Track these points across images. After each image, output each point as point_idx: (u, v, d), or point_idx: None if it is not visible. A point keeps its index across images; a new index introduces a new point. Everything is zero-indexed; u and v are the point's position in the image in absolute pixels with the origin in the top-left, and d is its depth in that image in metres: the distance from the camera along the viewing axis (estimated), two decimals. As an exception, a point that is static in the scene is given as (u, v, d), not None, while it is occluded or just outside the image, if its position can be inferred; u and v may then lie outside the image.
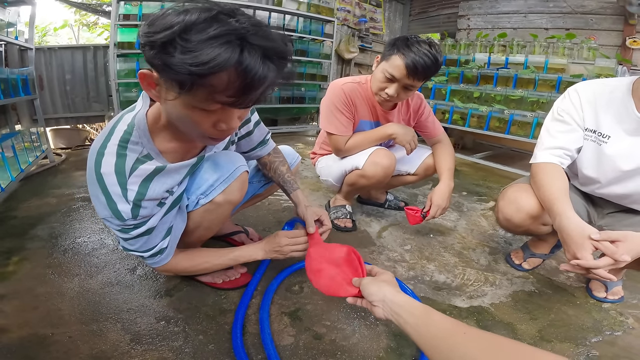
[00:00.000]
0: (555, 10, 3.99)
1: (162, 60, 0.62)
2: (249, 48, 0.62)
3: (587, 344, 1.09)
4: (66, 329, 0.99)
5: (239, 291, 1.19)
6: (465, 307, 1.22)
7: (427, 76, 1.35)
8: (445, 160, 1.64)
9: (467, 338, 0.59)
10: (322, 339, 1.03)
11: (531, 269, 1.47)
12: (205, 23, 0.60)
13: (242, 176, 1.00)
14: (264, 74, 0.64)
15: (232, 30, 0.61)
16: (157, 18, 0.63)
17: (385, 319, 0.73)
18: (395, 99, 1.45)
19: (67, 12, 5.50)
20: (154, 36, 0.61)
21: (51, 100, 3.19)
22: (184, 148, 0.91)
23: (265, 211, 1.87)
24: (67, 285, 1.18)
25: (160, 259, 0.97)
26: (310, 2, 4.08)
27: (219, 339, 1.00)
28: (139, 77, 0.71)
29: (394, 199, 2.06)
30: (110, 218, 0.83)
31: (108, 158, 0.79)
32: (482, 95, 3.36)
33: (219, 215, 1.03)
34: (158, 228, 0.91)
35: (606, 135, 1.12)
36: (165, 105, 0.75)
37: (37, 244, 1.43)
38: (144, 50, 0.65)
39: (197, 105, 0.68)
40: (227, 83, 0.63)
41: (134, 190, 0.81)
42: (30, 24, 2.44)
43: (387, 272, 0.85)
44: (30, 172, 2.24)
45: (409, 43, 1.32)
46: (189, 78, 0.61)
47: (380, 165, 1.52)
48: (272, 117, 4.27)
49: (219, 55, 0.59)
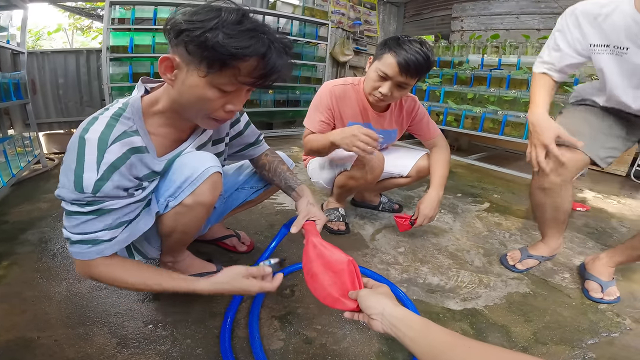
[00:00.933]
0: (547, 10, 4.02)
1: (204, 43, 0.73)
2: (272, 43, 0.78)
3: (583, 346, 1.08)
4: (52, 333, 0.98)
5: (228, 295, 1.17)
6: (459, 310, 1.21)
7: (419, 73, 1.36)
8: (438, 167, 1.64)
9: (469, 351, 0.58)
10: (312, 343, 1.01)
11: (525, 270, 1.47)
12: (240, 17, 0.76)
13: (213, 177, 0.95)
14: (280, 64, 0.80)
15: (259, 27, 0.77)
16: (197, 10, 0.77)
17: (383, 332, 0.72)
18: (389, 99, 1.44)
19: (61, 16, 5.51)
20: (200, 23, 0.73)
21: (44, 105, 3.17)
22: (173, 134, 0.94)
23: (257, 215, 1.86)
24: (55, 289, 1.17)
25: (82, 250, 0.81)
26: (305, 5, 4.09)
27: (207, 343, 0.98)
28: (160, 61, 0.79)
29: (388, 201, 2.05)
30: (67, 188, 0.77)
31: (97, 126, 0.79)
32: (476, 96, 3.37)
33: (192, 217, 0.99)
34: (111, 214, 0.82)
35: (623, 47, 1.12)
36: (179, 87, 0.81)
37: (27, 249, 1.42)
38: (182, 34, 0.75)
39: (218, 85, 0.79)
40: (253, 68, 0.78)
41: (109, 160, 0.77)
42: (22, 28, 2.44)
43: (384, 285, 0.84)
44: (22, 177, 2.22)
45: (400, 42, 1.34)
46: (226, 58, 0.74)
47: (368, 166, 1.51)
48: (267, 120, 4.27)
49: (254, 45, 0.75)
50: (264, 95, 3.85)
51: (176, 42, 0.77)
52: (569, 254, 1.64)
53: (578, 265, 1.53)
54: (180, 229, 1.01)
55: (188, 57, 0.77)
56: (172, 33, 0.77)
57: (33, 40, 5.51)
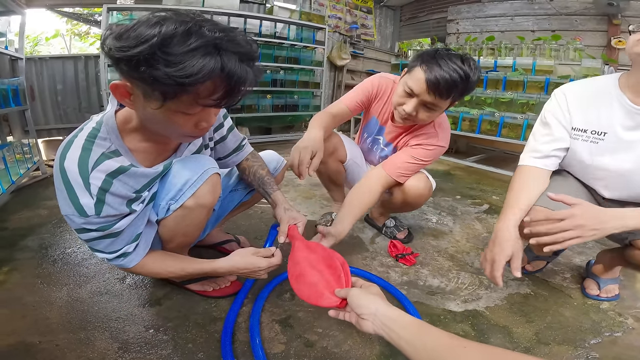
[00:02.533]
0: (541, 12, 4.06)
1: (144, 74, 0.64)
2: (227, 55, 0.67)
3: (586, 346, 1.08)
4: (53, 337, 0.98)
5: (229, 299, 1.17)
6: (459, 312, 1.21)
7: (451, 94, 1.18)
8: (362, 196, 1.36)
9: (468, 352, 0.57)
10: (313, 347, 1.01)
11: (535, 272, 1.45)
12: (182, 35, 0.63)
13: (213, 178, 0.96)
14: (244, 76, 0.70)
15: (209, 40, 0.65)
16: (125, 31, 0.65)
17: (374, 333, 0.70)
18: (414, 118, 1.28)
19: (59, 21, 5.52)
20: (130, 50, 0.63)
21: (43, 111, 3.17)
22: (156, 149, 0.92)
23: (257, 219, 1.86)
24: (56, 295, 1.17)
25: (124, 262, 0.91)
26: (302, 10, 4.11)
27: (208, 347, 0.98)
28: (111, 88, 0.73)
29: (394, 225, 1.74)
30: (72, 215, 0.79)
31: (73, 152, 0.78)
32: (473, 98, 3.38)
33: (193, 220, 1.00)
34: (126, 232, 0.87)
35: (601, 132, 1.07)
36: (141, 112, 0.77)
37: (27, 255, 1.41)
38: (119, 65, 0.66)
39: (180, 110, 0.73)
40: (213, 89, 0.69)
41: (96, 185, 0.78)
42: (20, 34, 2.44)
43: (374, 285, 0.82)
44: (22, 184, 2.21)
45: (436, 55, 1.17)
46: (176, 89, 0.65)
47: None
48: (266, 125, 4.28)
49: (205, 66, 0.64)
50: (262, 100, 3.86)
51: (118, 69, 0.68)
52: (569, 254, 1.65)
53: (579, 264, 1.54)
54: (181, 232, 1.02)
55: (138, 84, 0.69)
56: (110, 60, 0.68)
57: (31, 46, 5.51)
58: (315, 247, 0.99)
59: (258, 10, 4.14)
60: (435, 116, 1.31)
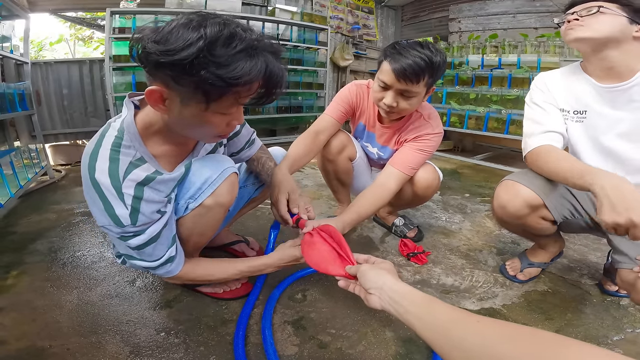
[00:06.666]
0: (543, 9, 4.03)
1: (193, 77, 0.65)
2: (267, 56, 0.71)
3: (609, 342, 1.05)
4: (64, 341, 0.97)
5: (240, 301, 1.16)
6: (476, 310, 1.19)
7: (420, 78, 1.23)
8: (366, 199, 1.34)
9: (482, 325, 0.53)
10: (327, 348, 0.99)
11: (527, 280, 1.37)
12: (227, 37, 0.66)
13: (231, 177, 0.97)
14: (282, 75, 0.76)
15: (249, 42, 0.68)
16: (166, 34, 0.65)
17: (381, 308, 0.67)
18: (397, 109, 1.31)
19: (63, 26, 5.55)
20: (178, 54, 0.63)
21: (49, 116, 3.16)
22: (175, 151, 0.92)
23: (265, 220, 1.84)
24: (66, 298, 1.16)
25: (171, 268, 0.94)
26: (303, 12, 4.10)
27: (221, 350, 0.96)
28: (148, 94, 0.72)
29: (402, 224, 1.72)
30: (109, 225, 0.82)
31: (101, 163, 0.79)
32: (478, 96, 3.36)
33: (210, 219, 0.99)
34: (163, 235, 0.89)
35: (583, 111, 1.13)
36: (175, 116, 0.76)
37: (36, 258, 1.41)
38: (160, 69, 0.67)
39: (219, 111, 0.75)
40: (255, 88, 0.74)
41: (130, 195, 0.80)
42: (25, 38, 2.45)
43: (387, 261, 0.80)
44: (30, 188, 2.22)
45: (396, 47, 1.25)
46: (224, 90, 0.68)
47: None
48: (270, 127, 4.27)
49: (253, 67, 0.68)
50: (266, 102, 3.84)
51: (157, 74, 0.69)
52: (584, 250, 1.61)
53: (595, 261, 1.51)
54: (198, 231, 1.01)
55: (179, 88, 0.69)
56: (148, 64, 0.68)
57: (35, 51, 5.54)
58: (328, 228, 1.01)
59: (260, 13, 4.14)
60: (416, 103, 1.32)
